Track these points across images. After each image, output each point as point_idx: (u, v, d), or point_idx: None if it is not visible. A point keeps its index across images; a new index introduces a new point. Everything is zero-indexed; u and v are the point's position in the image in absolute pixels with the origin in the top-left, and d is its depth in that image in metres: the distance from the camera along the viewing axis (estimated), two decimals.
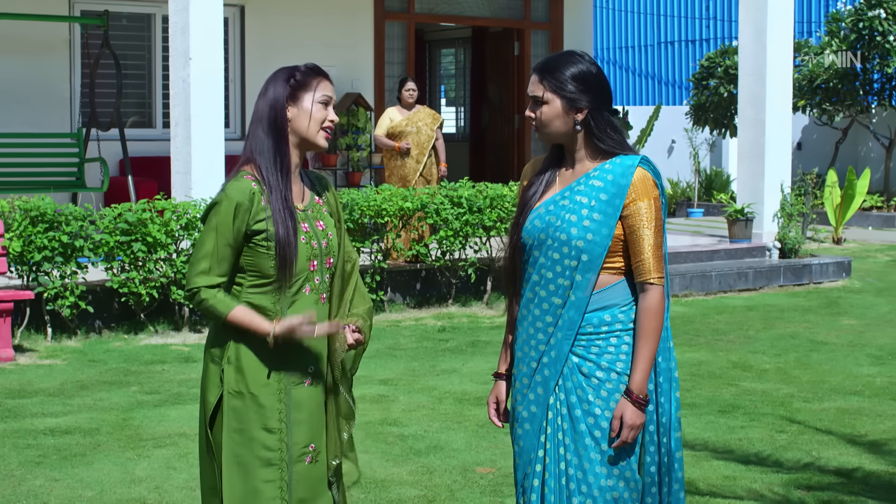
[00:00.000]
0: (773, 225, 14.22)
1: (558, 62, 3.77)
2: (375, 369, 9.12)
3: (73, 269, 9.96)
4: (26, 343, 9.84)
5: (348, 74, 15.87)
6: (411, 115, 12.88)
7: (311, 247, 3.87)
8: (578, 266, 3.70)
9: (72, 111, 14.10)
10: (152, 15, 14.85)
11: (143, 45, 14.95)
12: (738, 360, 9.49)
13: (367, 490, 6.19)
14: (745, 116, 14.39)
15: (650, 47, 27.73)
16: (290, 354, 3.84)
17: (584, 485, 3.70)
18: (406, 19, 16.57)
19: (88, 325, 10.32)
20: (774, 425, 7.44)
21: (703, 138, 22.97)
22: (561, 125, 3.77)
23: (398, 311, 11.68)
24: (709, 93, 21.63)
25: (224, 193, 3.80)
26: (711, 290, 13.15)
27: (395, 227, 11.56)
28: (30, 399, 8.13)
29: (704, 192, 22.69)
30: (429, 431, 7.33)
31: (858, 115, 21.61)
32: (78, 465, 6.63)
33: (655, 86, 27.57)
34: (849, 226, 19.64)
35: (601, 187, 3.72)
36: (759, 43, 14.11)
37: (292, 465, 3.85)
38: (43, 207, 9.82)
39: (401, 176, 12.82)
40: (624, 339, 3.72)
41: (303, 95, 3.85)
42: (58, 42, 14.15)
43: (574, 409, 3.71)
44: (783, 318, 11.58)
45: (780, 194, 14.20)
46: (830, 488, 6.13)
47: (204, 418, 3.87)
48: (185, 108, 11.08)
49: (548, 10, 17.69)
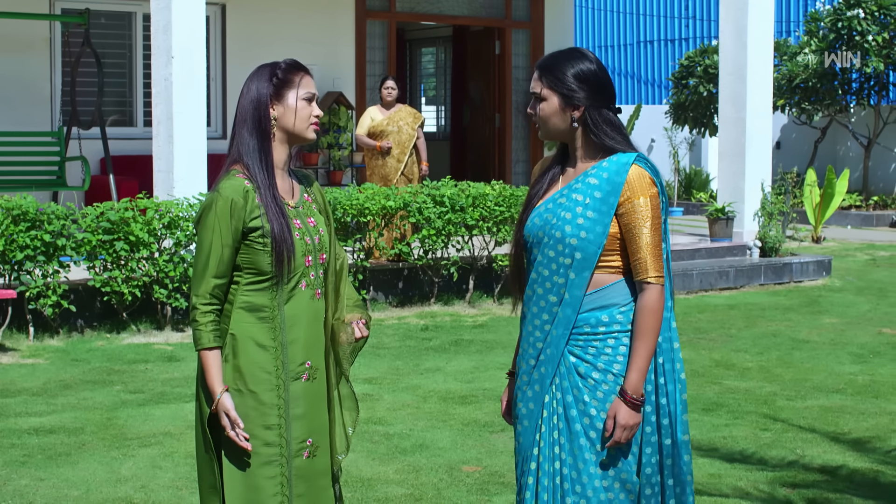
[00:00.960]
0: (754, 224, 14.27)
1: (558, 59, 3.78)
2: (359, 368, 9.12)
3: (56, 268, 9.91)
4: (8, 342, 9.80)
5: (330, 73, 15.85)
6: (392, 115, 12.88)
7: (304, 243, 3.90)
8: (573, 264, 3.70)
9: (52, 109, 14.04)
10: (133, 13, 14.80)
11: (124, 44, 14.91)
12: (721, 359, 9.53)
13: (354, 489, 6.19)
14: (725, 115, 14.43)
15: (630, 46, 27.80)
16: (286, 350, 3.85)
17: (579, 485, 3.69)
18: (387, 18, 16.56)
19: (71, 324, 10.28)
20: (758, 423, 7.47)
21: (682, 137, 23.04)
22: (559, 122, 3.78)
23: (381, 310, 11.68)
24: (688, 92, 21.70)
25: (218, 193, 3.81)
26: (693, 289, 13.19)
27: (377, 225, 11.56)
28: (13, 399, 8.10)
29: (684, 191, 22.78)
30: (414, 430, 7.34)
31: (837, 115, 21.72)
32: (63, 464, 6.61)
33: (635, 85, 27.64)
34: (828, 225, 19.75)
35: (596, 185, 3.72)
36: (739, 42, 14.16)
37: (292, 460, 3.87)
38: (25, 206, 9.77)
39: (382, 175, 12.82)
40: (622, 341, 3.70)
41: (287, 94, 3.86)
42: (38, 40, 14.10)
43: (570, 409, 3.71)
44: (764, 316, 11.63)
45: (760, 193, 14.25)
46: (815, 486, 6.16)
47: (202, 417, 3.86)
48: (167, 106, 11.05)
49: (529, 9, 17.71)
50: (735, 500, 5.97)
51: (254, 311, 3.84)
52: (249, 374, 3.82)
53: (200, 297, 3.80)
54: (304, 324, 3.89)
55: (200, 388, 3.86)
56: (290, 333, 3.86)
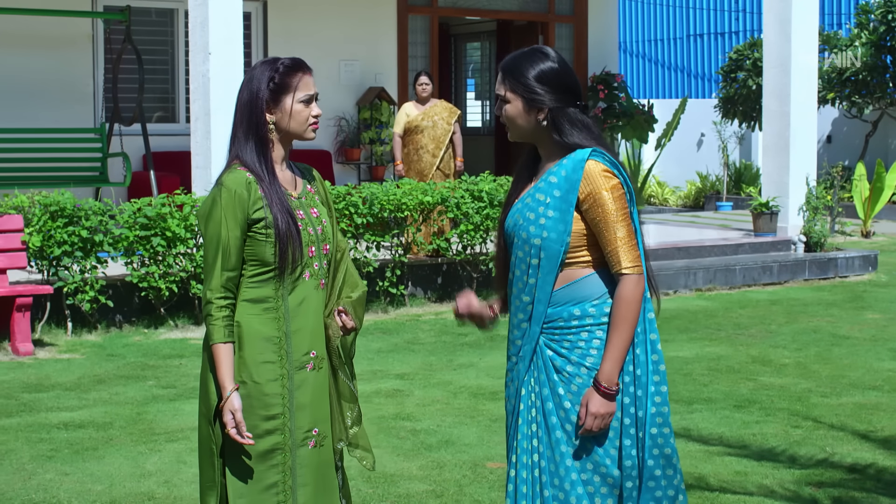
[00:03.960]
0: (799, 218, 14.11)
1: (519, 61, 3.77)
2: (393, 364, 9.11)
3: (93, 263, 9.99)
4: (47, 337, 9.88)
5: (371, 68, 15.86)
6: (427, 110, 12.84)
7: (307, 233, 3.91)
8: (539, 264, 3.70)
9: (95, 106, 14.14)
10: (175, 10, 14.88)
11: (166, 41, 15.00)
12: (758, 355, 9.42)
13: (376, 485, 6.17)
14: (769, 109, 14.28)
15: (679, 40, 27.59)
16: (291, 340, 3.86)
17: (556, 478, 3.70)
18: (429, 13, 16.54)
19: (109, 319, 10.35)
20: (790, 420, 7.37)
21: (731, 131, 22.84)
22: (524, 123, 3.78)
23: (419, 306, 11.66)
24: (737, 85, 21.49)
25: (222, 185, 3.83)
26: (735, 284, 13.07)
27: (415, 221, 11.54)
28: (46, 393, 8.16)
29: (734, 185, 22.57)
30: (441, 426, 7.31)
31: (888, 108, 21.42)
32: (89, 459, 6.64)
33: (684, 78, 27.43)
34: (878, 219, 19.46)
35: (556, 183, 3.71)
36: (783, 34, 14.00)
37: (296, 449, 3.88)
38: (62, 202, 9.84)
39: (418, 170, 12.79)
40: (595, 334, 3.69)
41: (283, 98, 3.87)
42: (81, 38, 14.20)
43: (546, 403, 3.72)
44: (806, 312, 11.49)
45: (805, 187, 14.09)
46: (842, 485, 6.07)
47: (207, 411, 3.87)
48: (204, 102, 11.09)
49: (572, 2, 17.62)
50: (759, 499, 5.89)
51: (258, 303, 3.85)
52: (254, 364, 3.83)
53: (214, 291, 3.81)
54: (308, 314, 3.90)
55: (209, 381, 3.86)
56: (295, 323, 3.88)
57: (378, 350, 9.68)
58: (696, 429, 7.20)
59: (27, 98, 13.78)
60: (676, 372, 8.77)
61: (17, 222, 9.72)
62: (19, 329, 9.37)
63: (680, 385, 8.34)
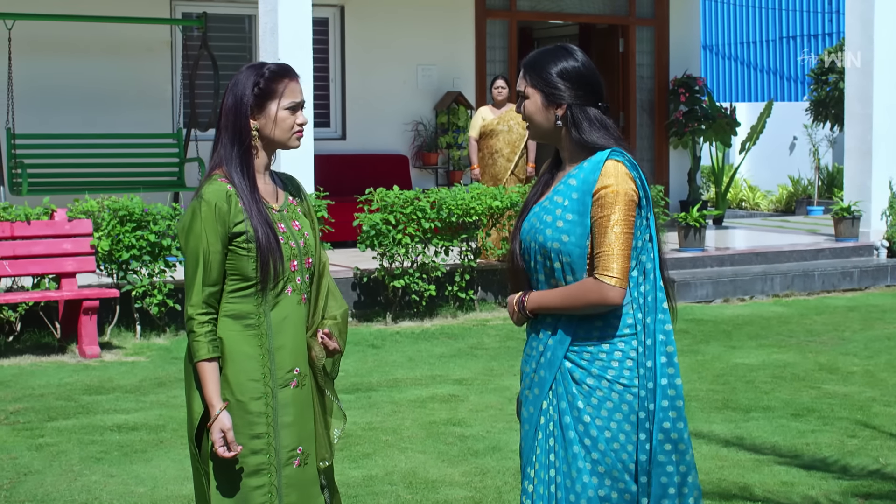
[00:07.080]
0: (882, 223, 13.83)
1: (542, 57, 3.69)
2: (453, 368, 9.08)
3: (161, 267, 10.11)
4: (115, 340, 10.01)
5: (449, 73, 15.84)
6: (503, 114, 12.79)
7: (289, 247, 3.82)
8: (563, 268, 3.58)
9: (173, 112, 14.32)
10: (251, 17, 15.00)
11: (242, 47, 15.13)
12: (826, 363, 9.22)
13: (416, 490, 6.14)
14: (852, 111, 14.03)
15: (771, 42, 27.19)
16: (274, 357, 3.80)
17: (573, 494, 3.57)
18: (508, 17, 16.48)
19: (177, 322, 10.45)
20: (847, 430, 7.20)
21: (823, 135, 22.44)
22: (542, 120, 3.68)
23: (488, 311, 11.61)
24: (829, 88, 21.11)
25: (201, 198, 3.74)
26: (814, 290, 12.83)
27: (484, 225, 11.50)
28: (105, 396, 8.26)
29: (826, 189, 22.17)
30: (491, 432, 7.26)
31: None
32: (137, 461, 6.70)
33: (775, 81, 27.01)
34: None
35: (574, 186, 3.59)
36: (865, 36, 13.74)
37: (281, 469, 3.80)
38: (131, 207, 9.97)
39: (492, 174, 12.75)
40: (617, 346, 3.57)
41: (268, 104, 3.78)
42: (159, 44, 14.39)
43: (564, 416, 3.60)
44: (884, 318, 11.23)
45: (888, 191, 13.79)
46: (890, 496, 5.90)
47: (191, 429, 3.81)
48: None
49: (653, 6, 17.44)
50: None
51: (239, 319, 3.77)
52: (236, 383, 3.75)
53: (196, 307, 3.72)
54: (290, 330, 3.82)
55: (193, 400, 3.78)
56: (277, 340, 3.80)
57: (440, 355, 9.65)
58: (750, 437, 7.06)
59: (106, 104, 13.98)
60: (739, 379, 8.62)
61: (86, 227, 9.87)
62: (86, 332, 9.50)
63: (740, 393, 8.20)
